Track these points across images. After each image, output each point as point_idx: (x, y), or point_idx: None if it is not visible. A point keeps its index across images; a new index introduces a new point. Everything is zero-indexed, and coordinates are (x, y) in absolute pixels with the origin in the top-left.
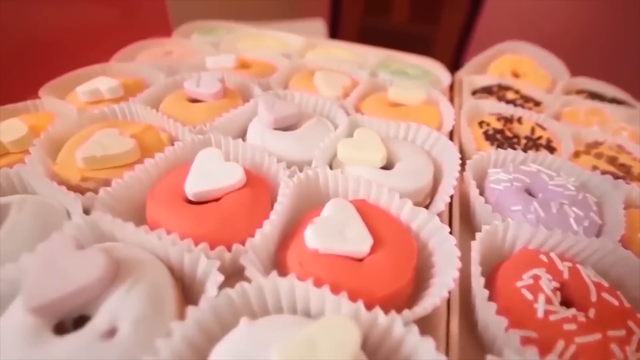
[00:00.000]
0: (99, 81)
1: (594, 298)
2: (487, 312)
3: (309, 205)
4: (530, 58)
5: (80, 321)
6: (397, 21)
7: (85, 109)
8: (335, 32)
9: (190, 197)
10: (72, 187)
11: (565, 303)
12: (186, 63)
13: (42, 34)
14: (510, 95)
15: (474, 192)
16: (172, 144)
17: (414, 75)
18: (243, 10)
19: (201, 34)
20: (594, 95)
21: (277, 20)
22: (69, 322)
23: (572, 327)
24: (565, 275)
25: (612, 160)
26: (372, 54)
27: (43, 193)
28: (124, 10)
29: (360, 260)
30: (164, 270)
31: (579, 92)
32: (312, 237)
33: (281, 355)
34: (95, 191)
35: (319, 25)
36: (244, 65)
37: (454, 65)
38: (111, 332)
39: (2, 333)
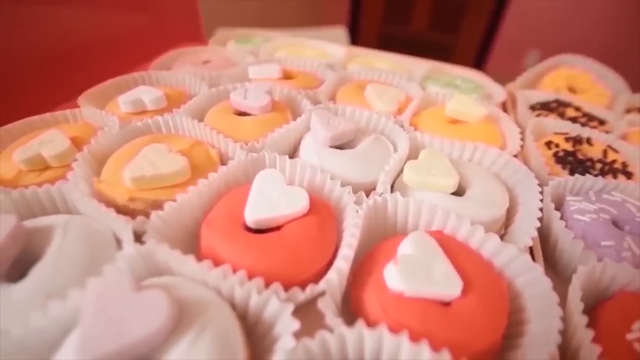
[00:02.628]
0: (142, 91)
1: None
2: None
3: (374, 235)
4: (587, 72)
5: None
6: (416, 29)
7: (127, 119)
8: (355, 39)
9: (251, 225)
10: (118, 208)
11: None
12: (228, 73)
13: (75, 42)
14: (570, 112)
15: (558, 225)
16: (222, 161)
17: (465, 89)
18: (266, 17)
19: (238, 42)
20: None
21: (299, 28)
22: None
23: None
24: None
25: None
26: (416, 65)
27: (88, 214)
28: (155, 17)
29: (447, 304)
30: (230, 312)
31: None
32: (397, 278)
33: None
34: (145, 214)
35: (341, 32)
36: (287, 76)
37: None
38: None
39: None
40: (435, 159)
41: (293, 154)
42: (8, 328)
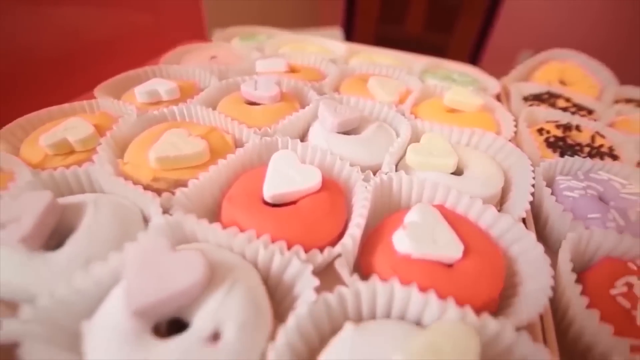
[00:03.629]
0: (157, 82)
1: None
2: (586, 319)
3: (381, 211)
4: (577, 66)
5: (173, 324)
6: (411, 30)
7: (144, 109)
8: (350, 40)
9: (268, 200)
10: (142, 187)
11: None
12: (235, 67)
13: (83, 40)
14: (561, 103)
15: (549, 200)
16: (236, 146)
17: (461, 83)
18: (263, 18)
19: (242, 39)
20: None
21: (295, 29)
22: (163, 326)
23: None
24: None
25: None
26: (415, 61)
27: (114, 193)
28: (160, 18)
29: (450, 266)
30: (255, 273)
31: (628, 100)
32: (406, 242)
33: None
34: (169, 192)
35: (337, 33)
36: (292, 70)
37: None
38: (215, 336)
39: (101, 335)
40: (436, 141)
41: (302, 140)
42: (52, 289)
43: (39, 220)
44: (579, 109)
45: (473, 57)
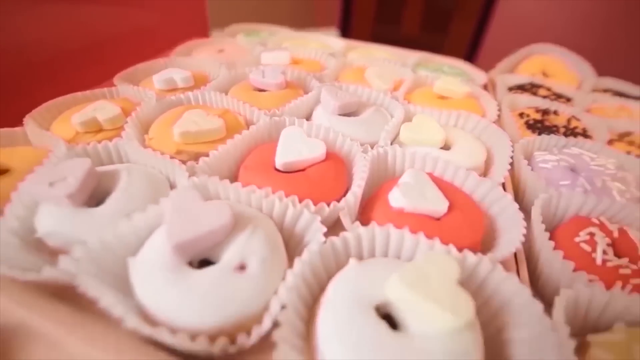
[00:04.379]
0: (172, 71)
1: None
2: (553, 259)
3: (377, 180)
4: (559, 59)
5: (203, 265)
6: (407, 31)
7: (161, 95)
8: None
9: (280, 167)
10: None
11: (617, 256)
12: (242, 59)
13: (95, 36)
14: (542, 92)
15: (525, 169)
16: (247, 126)
17: (450, 74)
18: (260, 19)
19: (246, 35)
20: (620, 94)
21: (292, 29)
22: (195, 265)
23: (627, 271)
24: (615, 235)
25: None
26: (409, 56)
27: (142, 163)
28: (166, 16)
29: (438, 219)
30: (271, 222)
31: (605, 91)
32: (399, 197)
33: (400, 281)
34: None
35: (333, 34)
36: (295, 62)
37: None
38: (242, 267)
39: (146, 267)
40: (426, 121)
41: None
42: (98, 236)
43: (82, 180)
44: (558, 97)
45: (468, 58)
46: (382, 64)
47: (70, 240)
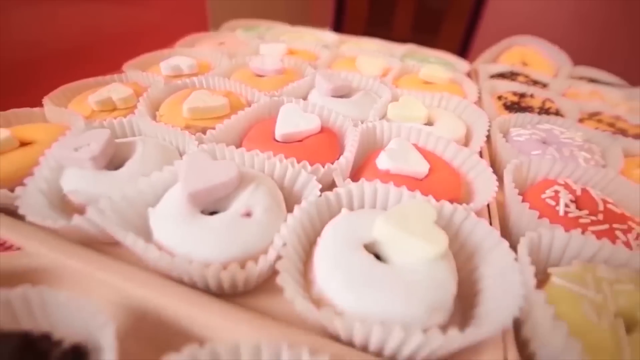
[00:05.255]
0: (178, 59)
1: (601, 207)
2: (521, 211)
3: (367, 150)
4: (537, 50)
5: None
6: (399, 33)
7: (168, 81)
8: None
9: (279, 139)
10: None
11: (578, 210)
12: (242, 51)
13: (102, 32)
14: (521, 79)
15: (500, 141)
16: (250, 106)
17: (436, 64)
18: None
19: (244, 30)
20: (593, 81)
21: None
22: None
23: (586, 220)
24: (578, 193)
25: (610, 125)
26: (397, 48)
27: (154, 136)
28: (166, 14)
29: (420, 180)
30: (273, 181)
31: (580, 78)
32: (386, 160)
33: (385, 221)
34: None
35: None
36: (291, 52)
37: None
38: (247, 214)
39: (164, 214)
40: (411, 100)
41: None
42: (120, 191)
43: (103, 146)
44: (535, 83)
45: (459, 57)
46: (372, 53)
47: (93, 198)
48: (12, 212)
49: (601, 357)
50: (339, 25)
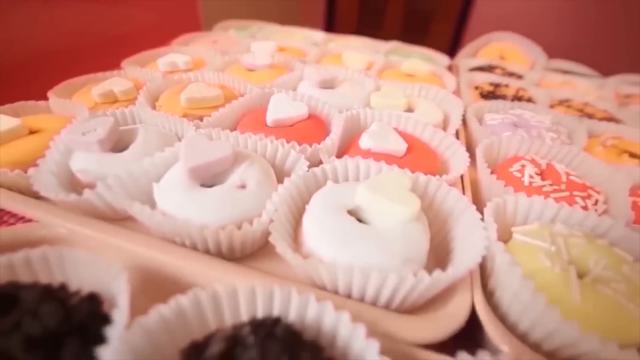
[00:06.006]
0: (174, 56)
1: (564, 179)
2: (490, 182)
3: (351, 135)
4: (513, 45)
5: None
6: (389, 35)
7: (165, 77)
8: None
9: (270, 124)
10: None
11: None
12: (234, 48)
13: (95, 31)
14: (498, 71)
15: (475, 125)
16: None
17: (418, 58)
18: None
19: (237, 30)
20: (567, 72)
21: None
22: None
23: (549, 189)
24: (543, 167)
25: (579, 110)
26: (382, 45)
27: (154, 124)
28: (162, 15)
29: (399, 158)
30: (265, 160)
31: (555, 70)
32: (367, 139)
33: (365, 188)
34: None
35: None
36: (281, 50)
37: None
38: (242, 186)
39: (167, 187)
40: (392, 90)
41: None
42: (126, 168)
43: (108, 131)
44: (511, 75)
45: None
46: (357, 49)
47: (100, 177)
48: (23, 193)
49: (553, 295)
50: (330, 27)
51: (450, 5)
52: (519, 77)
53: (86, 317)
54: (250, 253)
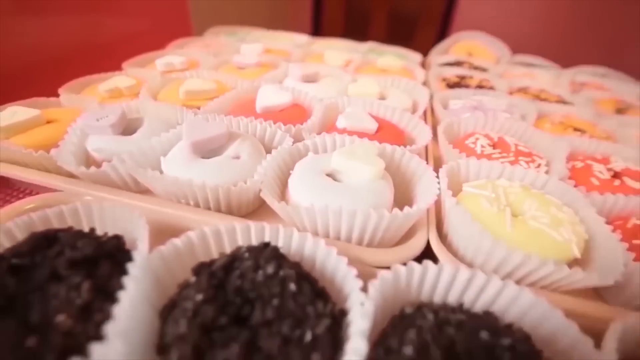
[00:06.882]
0: (171, 58)
1: (513, 148)
2: (448, 150)
3: (331, 121)
4: (480, 42)
5: None
6: (374, 40)
7: (163, 75)
8: None
9: (259, 111)
10: None
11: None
12: (225, 51)
13: (95, 40)
14: (465, 66)
15: (439, 108)
16: None
17: (392, 55)
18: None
19: (227, 35)
20: (529, 65)
21: None
22: None
23: (497, 156)
24: (495, 139)
25: (536, 96)
26: (360, 45)
27: (156, 113)
28: (154, 22)
29: (371, 135)
30: (254, 137)
31: (519, 64)
32: (343, 120)
33: (338, 153)
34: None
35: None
36: (268, 51)
37: None
38: (236, 157)
39: (173, 159)
40: (366, 81)
41: None
42: (137, 146)
43: (119, 117)
44: (476, 68)
45: None
46: (337, 48)
47: (112, 154)
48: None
49: (491, 229)
50: (316, 33)
51: (434, 10)
52: (484, 70)
53: (113, 249)
54: (245, 214)
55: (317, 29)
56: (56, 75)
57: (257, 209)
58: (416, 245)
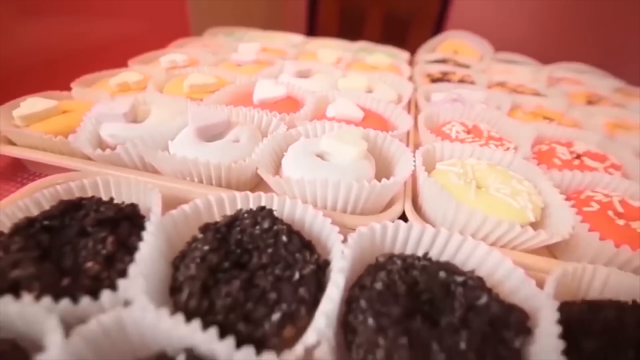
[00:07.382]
0: (174, 55)
1: (485, 134)
2: (426, 135)
3: (322, 110)
4: (465, 41)
5: None
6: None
7: (167, 72)
8: None
9: (256, 103)
10: None
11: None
12: (223, 50)
13: (98, 41)
14: (450, 63)
15: (421, 100)
16: None
17: (381, 53)
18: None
19: (224, 35)
20: (510, 62)
21: None
22: None
23: (470, 140)
24: (470, 127)
25: (513, 90)
26: (352, 44)
27: (162, 104)
28: (154, 23)
29: (358, 123)
30: (253, 125)
31: (502, 61)
32: (332, 109)
33: (327, 136)
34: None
35: None
36: (264, 50)
37: None
38: (236, 140)
39: (179, 142)
40: (355, 76)
41: None
42: (146, 131)
43: (130, 107)
44: (459, 65)
45: None
46: (329, 47)
47: (125, 139)
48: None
49: (457, 198)
50: (311, 34)
51: (428, 11)
52: (467, 67)
53: (131, 214)
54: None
55: (312, 30)
56: (66, 72)
57: (254, 188)
58: (393, 213)
